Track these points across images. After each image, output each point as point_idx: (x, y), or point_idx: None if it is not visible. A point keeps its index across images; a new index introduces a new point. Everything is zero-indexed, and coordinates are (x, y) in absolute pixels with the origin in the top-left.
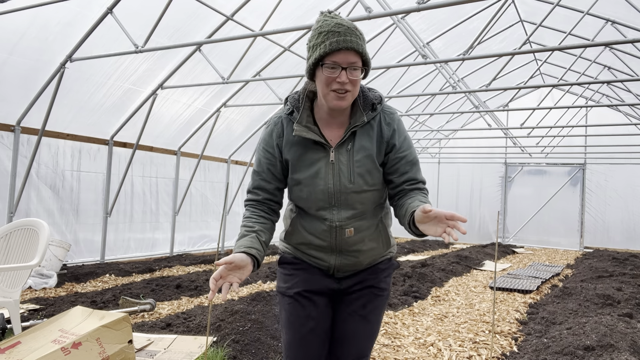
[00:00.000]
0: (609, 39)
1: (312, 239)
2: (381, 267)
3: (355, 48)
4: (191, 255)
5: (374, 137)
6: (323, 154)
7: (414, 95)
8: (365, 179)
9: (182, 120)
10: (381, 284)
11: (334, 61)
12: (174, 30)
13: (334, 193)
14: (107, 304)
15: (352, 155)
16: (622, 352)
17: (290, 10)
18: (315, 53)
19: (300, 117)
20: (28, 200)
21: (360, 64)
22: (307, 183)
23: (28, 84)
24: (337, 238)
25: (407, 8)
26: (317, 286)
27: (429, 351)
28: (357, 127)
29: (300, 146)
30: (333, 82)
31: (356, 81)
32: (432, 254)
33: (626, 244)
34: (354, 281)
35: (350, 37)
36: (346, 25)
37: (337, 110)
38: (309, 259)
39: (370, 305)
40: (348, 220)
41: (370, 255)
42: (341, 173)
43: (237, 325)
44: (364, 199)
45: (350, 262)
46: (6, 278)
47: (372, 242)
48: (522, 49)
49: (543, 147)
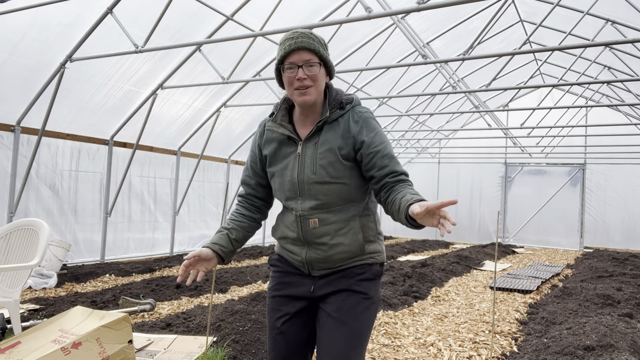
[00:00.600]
0: (609, 39)
1: (287, 232)
2: (356, 271)
3: (307, 47)
4: None
5: (339, 132)
6: (294, 149)
7: (414, 95)
8: (328, 170)
9: (182, 120)
10: (355, 287)
11: (291, 62)
12: (174, 31)
13: (298, 183)
14: (107, 304)
15: (317, 148)
16: (622, 352)
17: (291, 15)
18: (276, 60)
19: (276, 116)
20: (27, 200)
21: (316, 61)
22: (278, 175)
23: (28, 84)
24: (303, 229)
25: (407, 8)
26: (295, 292)
27: (429, 351)
28: (323, 122)
29: (276, 142)
30: (294, 80)
31: (314, 76)
32: (432, 254)
33: (626, 244)
34: (329, 287)
35: (302, 39)
36: (300, 31)
37: (309, 109)
38: (288, 256)
39: (345, 307)
40: (311, 211)
41: (340, 252)
42: (305, 165)
43: (237, 325)
44: (328, 190)
45: (320, 257)
46: (6, 278)
47: (341, 238)
48: (522, 49)
49: (543, 147)
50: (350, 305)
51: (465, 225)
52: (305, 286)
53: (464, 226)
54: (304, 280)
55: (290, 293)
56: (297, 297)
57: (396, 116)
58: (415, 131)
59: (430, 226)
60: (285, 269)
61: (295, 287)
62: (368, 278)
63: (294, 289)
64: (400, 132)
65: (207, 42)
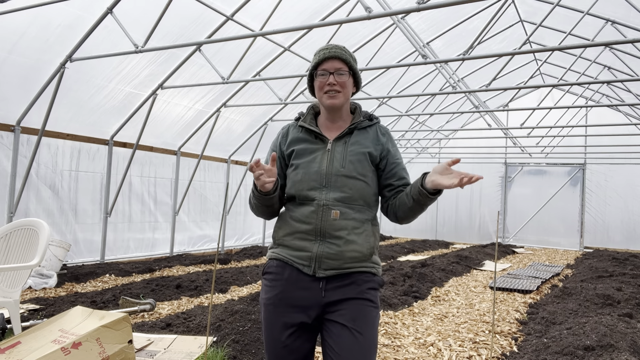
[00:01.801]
0: (609, 39)
1: (299, 226)
2: (363, 279)
3: (339, 56)
4: (191, 255)
5: (369, 138)
6: (322, 146)
7: (414, 95)
8: (356, 166)
9: (183, 122)
10: (366, 295)
11: (324, 69)
12: (177, 36)
13: (325, 174)
14: (107, 304)
15: (347, 147)
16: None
17: (293, 17)
18: (311, 66)
19: (304, 119)
20: (28, 200)
21: (346, 70)
22: (304, 166)
23: (28, 84)
24: (323, 218)
25: (407, 8)
26: (302, 300)
27: (429, 351)
28: (356, 127)
29: (304, 141)
30: (324, 85)
31: (343, 83)
32: (432, 254)
33: (626, 244)
34: (339, 294)
35: (336, 50)
36: (335, 45)
37: (334, 114)
38: (291, 254)
39: (360, 317)
40: (335, 202)
41: (353, 250)
42: (335, 159)
43: (237, 325)
44: (353, 185)
45: (333, 252)
46: (6, 278)
47: (356, 237)
48: (522, 49)
49: (543, 147)
50: (364, 314)
51: (465, 225)
52: (312, 290)
53: (464, 226)
54: (310, 284)
55: (295, 302)
56: (304, 307)
57: (396, 116)
58: (415, 131)
59: (448, 185)
60: (286, 275)
61: (301, 294)
62: (374, 287)
63: (299, 296)
64: (400, 132)
65: (207, 42)
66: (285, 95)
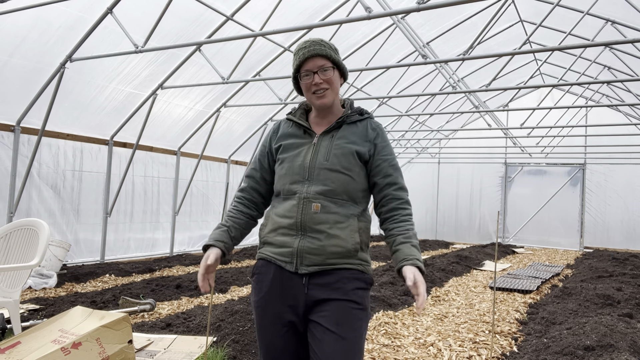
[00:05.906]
0: (609, 39)
1: (281, 221)
2: (349, 277)
3: (320, 53)
4: (191, 255)
5: (357, 133)
6: (309, 140)
7: (414, 95)
8: (340, 159)
9: (183, 122)
10: (352, 296)
11: (307, 69)
12: (177, 36)
13: (309, 168)
14: (107, 304)
15: (333, 140)
16: (622, 352)
17: (293, 17)
18: (292, 69)
19: (294, 113)
20: (29, 200)
21: (329, 65)
22: (289, 160)
23: (28, 85)
24: (304, 212)
25: (407, 8)
26: (288, 299)
27: (429, 351)
28: (344, 121)
29: (292, 136)
30: (311, 86)
31: (329, 79)
32: (432, 254)
33: (626, 244)
34: (323, 292)
35: (314, 47)
36: (311, 40)
37: (326, 110)
38: (274, 252)
39: (344, 321)
40: (317, 195)
41: (335, 245)
42: (319, 153)
43: (237, 325)
44: (336, 178)
45: (314, 247)
46: (6, 278)
47: (339, 231)
48: (522, 49)
49: (543, 147)
50: (349, 318)
51: (465, 225)
52: (296, 288)
53: (464, 226)
54: (294, 282)
55: (283, 302)
56: (291, 306)
57: (396, 116)
58: (415, 131)
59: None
60: (270, 275)
61: (287, 293)
62: (361, 287)
63: (285, 295)
64: (400, 132)
65: (207, 42)
66: (285, 95)
